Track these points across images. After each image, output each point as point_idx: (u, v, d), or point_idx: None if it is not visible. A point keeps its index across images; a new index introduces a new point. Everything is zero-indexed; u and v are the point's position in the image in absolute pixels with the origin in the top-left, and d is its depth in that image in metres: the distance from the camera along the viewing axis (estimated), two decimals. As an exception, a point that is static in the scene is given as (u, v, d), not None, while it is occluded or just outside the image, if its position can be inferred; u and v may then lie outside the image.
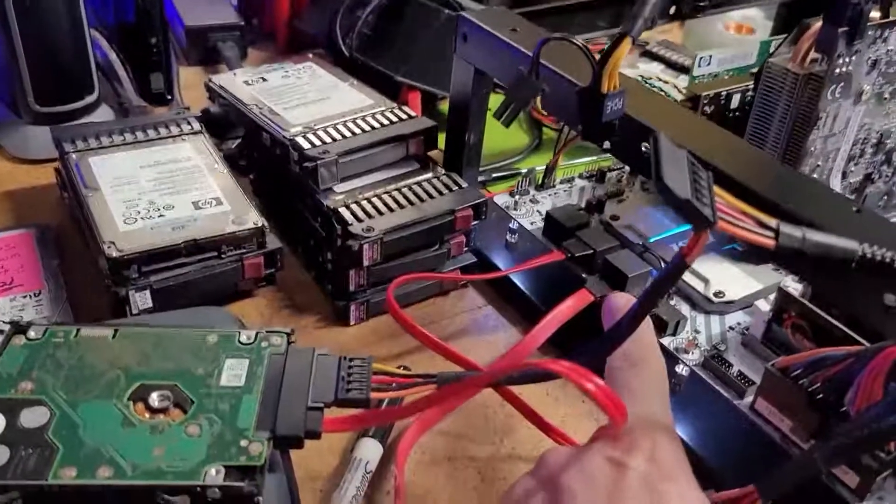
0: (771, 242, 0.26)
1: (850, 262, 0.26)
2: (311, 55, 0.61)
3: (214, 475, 0.29)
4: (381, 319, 0.48)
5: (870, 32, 0.42)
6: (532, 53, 0.37)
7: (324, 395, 0.33)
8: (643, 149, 0.36)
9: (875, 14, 0.42)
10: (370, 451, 0.38)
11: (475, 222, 0.49)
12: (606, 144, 0.40)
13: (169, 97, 0.67)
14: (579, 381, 0.27)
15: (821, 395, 0.36)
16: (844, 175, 0.48)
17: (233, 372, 0.34)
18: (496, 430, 0.42)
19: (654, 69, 0.74)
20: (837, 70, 0.42)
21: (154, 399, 0.32)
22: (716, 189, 0.26)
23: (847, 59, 0.42)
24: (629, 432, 0.28)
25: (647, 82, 0.61)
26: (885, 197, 0.52)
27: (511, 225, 0.52)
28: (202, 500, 0.29)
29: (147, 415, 0.32)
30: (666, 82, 0.58)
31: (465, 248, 0.50)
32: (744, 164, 0.34)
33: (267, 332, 0.36)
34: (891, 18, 0.43)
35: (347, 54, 0.66)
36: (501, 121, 0.37)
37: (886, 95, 0.46)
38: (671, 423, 0.30)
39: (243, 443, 0.31)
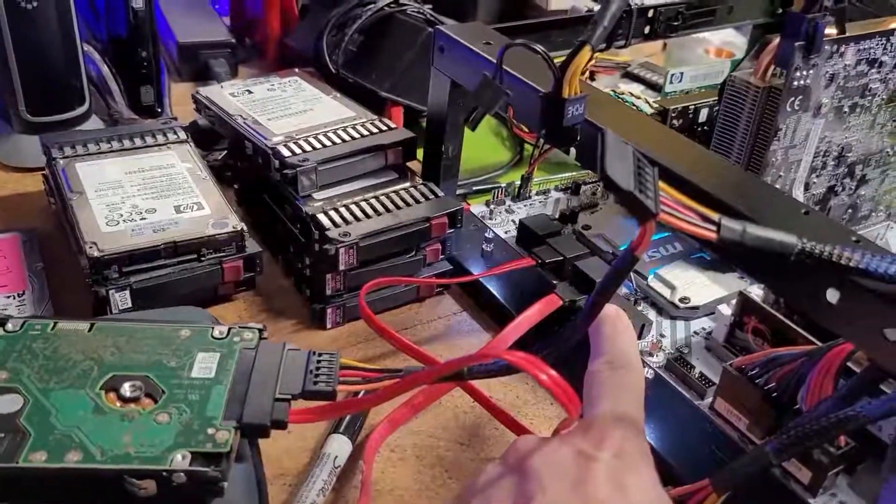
0: (713, 235, 0.27)
1: (788, 255, 0.28)
2: (296, 70, 0.63)
3: (181, 460, 0.30)
4: (357, 324, 0.49)
5: (826, 47, 0.44)
6: (495, 59, 0.38)
7: (291, 386, 0.34)
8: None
9: (832, 31, 0.44)
10: (339, 446, 0.39)
11: (451, 230, 0.50)
12: (573, 153, 0.41)
13: (159, 110, 0.68)
14: (533, 370, 0.28)
15: (775, 394, 0.37)
16: (807, 186, 0.49)
17: (204, 365, 0.35)
18: (465, 431, 0.43)
19: (634, 90, 0.76)
20: (795, 83, 0.44)
21: (126, 389, 0.33)
22: (661, 185, 0.28)
23: (805, 73, 0.44)
24: (600, 427, 0.29)
25: (619, 97, 0.63)
26: (850, 210, 0.53)
27: (486, 234, 0.53)
28: (168, 485, 0.30)
29: (118, 404, 0.33)
30: (638, 97, 0.60)
31: (441, 256, 0.52)
32: (701, 167, 0.36)
33: (240, 327, 0.37)
34: (847, 34, 0.45)
35: (334, 70, 0.68)
36: (467, 124, 0.38)
37: (846, 109, 0.48)
38: (642, 425, 0.31)
39: (210, 430, 0.32)
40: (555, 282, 0.47)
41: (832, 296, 0.30)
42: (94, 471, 0.30)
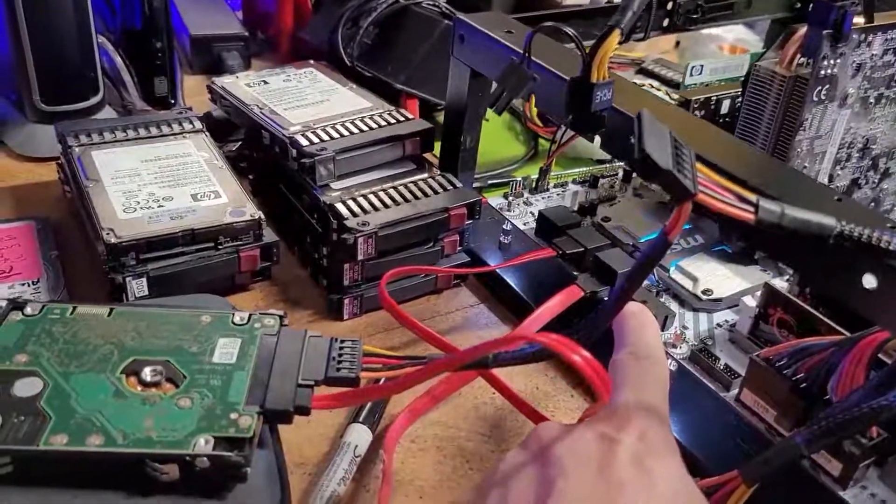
0: (750, 216, 0.27)
1: (827, 237, 0.27)
2: (311, 61, 0.63)
3: (203, 445, 0.30)
4: (375, 315, 0.49)
5: (854, 36, 0.43)
6: (523, 44, 0.38)
7: (314, 373, 0.34)
8: (631, 141, 0.36)
9: (859, 19, 0.44)
10: (360, 436, 0.39)
11: (469, 221, 0.50)
12: (597, 141, 0.41)
13: (172, 101, 0.68)
14: (565, 352, 0.28)
15: (804, 384, 0.36)
16: (831, 178, 0.49)
17: (225, 350, 0.34)
18: (486, 422, 0.42)
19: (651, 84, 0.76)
20: (822, 72, 0.43)
21: (146, 373, 0.33)
22: (698, 165, 0.27)
23: (832, 62, 0.43)
24: (624, 414, 0.29)
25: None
26: (873, 203, 0.53)
27: (505, 226, 0.53)
28: (190, 470, 0.30)
29: (139, 388, 0.32)
30: (658, 90, 0.59)
31: (459, 248, 0.51)
32: (730, 154, 0.35)
33: (260, 314, 0.37)
34: (875, 23, 0.44)
35: (349, 63, 0.67)
36: (494, 109, 0.38)
37: (872, 100, 0.47)
38: (667, 414, 0.31)
39: (233, 416, 0.31)
40: (575, 273, 0.46)
41: (869, 281, 0.29)
42: (115, 455, 0.29)
